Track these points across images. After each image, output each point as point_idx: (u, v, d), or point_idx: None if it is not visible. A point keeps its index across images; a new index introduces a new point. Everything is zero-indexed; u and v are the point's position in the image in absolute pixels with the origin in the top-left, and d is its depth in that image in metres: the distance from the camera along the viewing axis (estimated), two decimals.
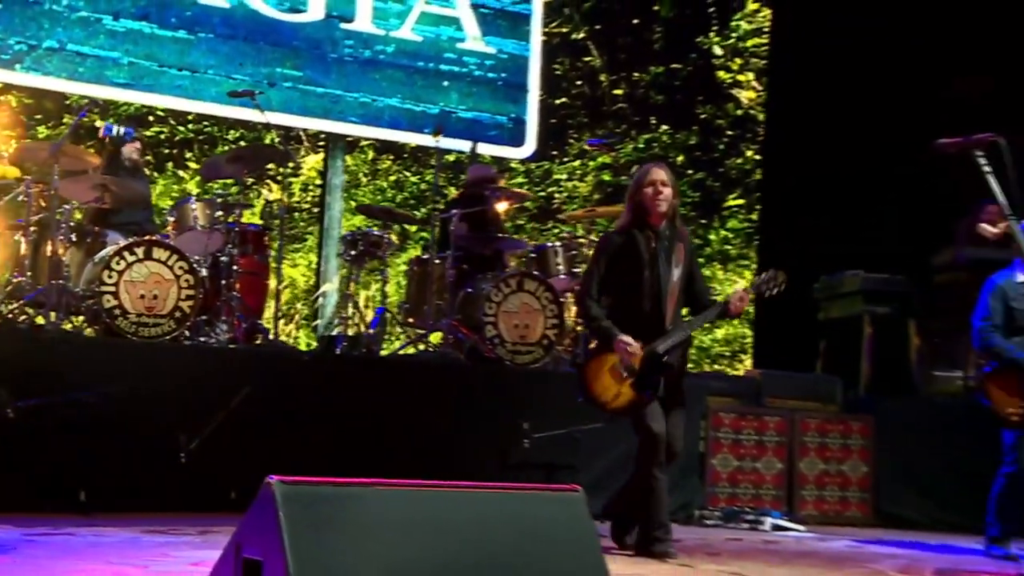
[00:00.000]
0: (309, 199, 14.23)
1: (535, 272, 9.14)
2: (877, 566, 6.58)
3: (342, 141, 12.71)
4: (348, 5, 12.57)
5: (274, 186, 12.50)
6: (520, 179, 14.08)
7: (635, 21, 14.67)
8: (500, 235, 9.82)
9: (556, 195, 14.63)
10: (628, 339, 6.13)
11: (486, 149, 12.84)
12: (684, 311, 6.54)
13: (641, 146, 14.64)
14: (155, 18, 11.64)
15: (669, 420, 6.30)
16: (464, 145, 11.46)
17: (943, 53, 12.06)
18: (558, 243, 9.78)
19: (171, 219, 8.70)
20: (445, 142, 10.69)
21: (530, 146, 13.28)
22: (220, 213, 8.60)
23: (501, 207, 9.89)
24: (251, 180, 11.19)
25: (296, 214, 14.05)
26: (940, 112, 11.15)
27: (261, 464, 3.23)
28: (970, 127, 5.22)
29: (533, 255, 9.56)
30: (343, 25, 12.55)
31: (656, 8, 14.54)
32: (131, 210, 8.87)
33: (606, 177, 14.53)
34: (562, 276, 9.39)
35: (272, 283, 9.31)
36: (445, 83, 12.88)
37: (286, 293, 13.12)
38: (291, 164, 12.99)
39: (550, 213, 13.93)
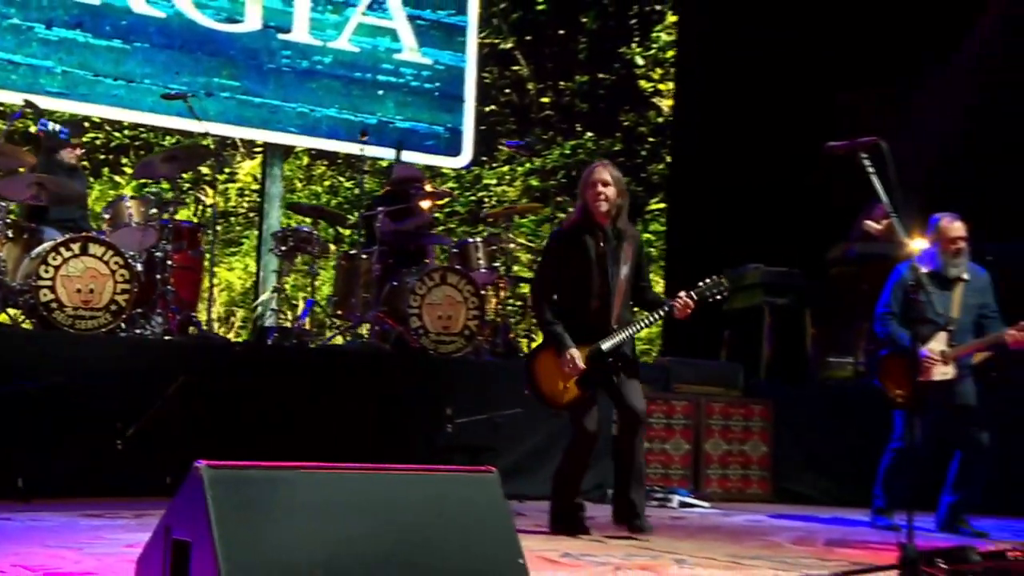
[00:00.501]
0: (245, 204, 14.01)
1: (457, 266, 9.13)
2: (775, 538, 6.64)
3: (280, 150, 12.42)
4: (285, 16, 12.22)
5: (209, 191, 11.94)
6: (451, 184, 13.93)
7: (561, 32, 14.60)
8: (424, 231, 9.78)
9: (486, 199, 14.51)
10: (574, 356, 6.01)
11: (423, 159, 12.56)
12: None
13: (567, 152, 14.62)
14: (89, 27, 11.25)
15: (629, 392, 6.16)
16: (392, 152, 11.23)
17: (835, 66, 12.28)
18: (479, 239, 9.78)
19: (106, 216, 8.56)
20: (373, 150, 10.67)
21: (466, 155, 13.01)
22: (154, 211, 8.49)
23: (425, 205, 9.84)
24: (187, 185, 10.90)
25: (232, 219, 13.87)
26: (832, 119, 11.32)
27: (195, 450, 3.17)
28: (857, 132, 5.27)
29: (455, 250, 9.58)
30: (280, 36, 12.18)
31: (582, 20, 14.51)
32: (67, 208, 8.72)
33: (534, 182, 14.46)
34: (483, 270, 9.40)
35: (205, 281, 9.20)
36: (382, 93, 12.54)
37: (223, 296, 12.98)
38: (227, 169, 12.79)
39: (480, 217, 13.60)
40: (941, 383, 7.39)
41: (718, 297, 6.21)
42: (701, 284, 6.15)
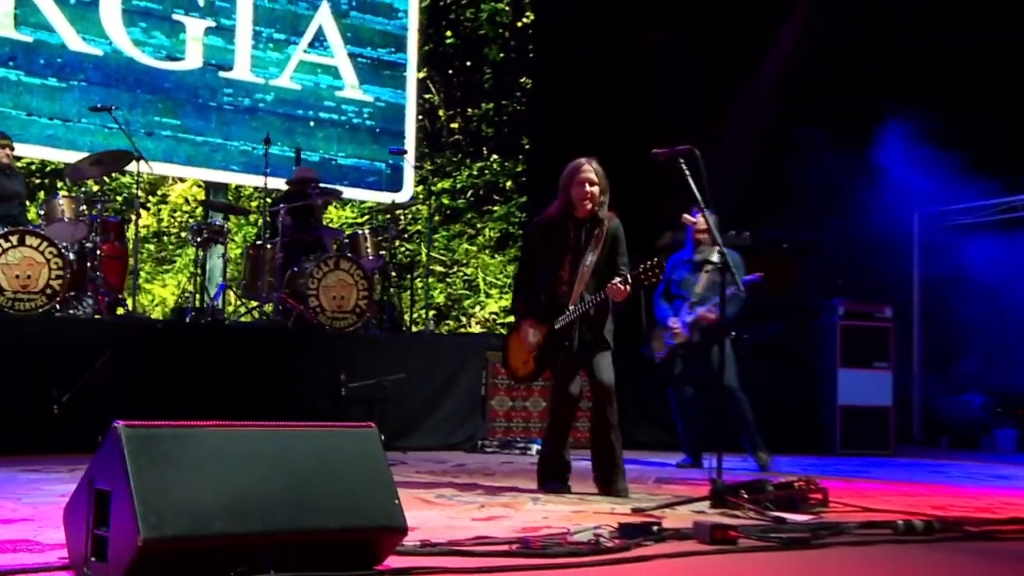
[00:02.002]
0: (177, 225, 13.39)
1: (349, 254, 9.10)
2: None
3: (222, 186, 11.49)
4: (227, 54, 11.21)
5: (144, 212, 11.42)
6: (370, 203, 13.19)
7: (468, 63, 14.30)
8: (320, 224, 9.72)
9: (402, 217, 14.04)
10: (527, 331, 5.72)
11: (365, 195, 11.83)
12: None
13: (475, 173, 14.32)
14: (22, 64, 10.10)
15: (598, 367, 5.70)
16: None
17: (660, 87, 12.54)
18: (367, 230, 9.75)
19: (42, 212, 8.39)
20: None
21: (408, 191, 12.20)
22: (84, 207, 8.35)
23: (320, 201, 9.77)
24: (119, 206, 10.26)
25: (165, 238, 13.36)
26: (659, 130, 11.55)
27: (122, 413, 3.14)
28: (678, 141, 5.39)
29: (347, 241, 9.53)
30: (222, 73, 11.19)
31: (486, 52, 14.32)
32: (6, 205, 8.52)
33: (445, 200, 14.21)
34: (371, 257, 9.40)
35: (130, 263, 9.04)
36: (325, 131, 11.56)
37: (157, 311, 12.51)
38: (160, 191, 12.17)
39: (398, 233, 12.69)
40: (684, 345, 7.89)
41: (652, 279, 5.69)
42: (640, 266, 5.72)
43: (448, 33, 13.70)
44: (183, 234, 9.88)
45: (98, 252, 8.34)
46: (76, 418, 7.02)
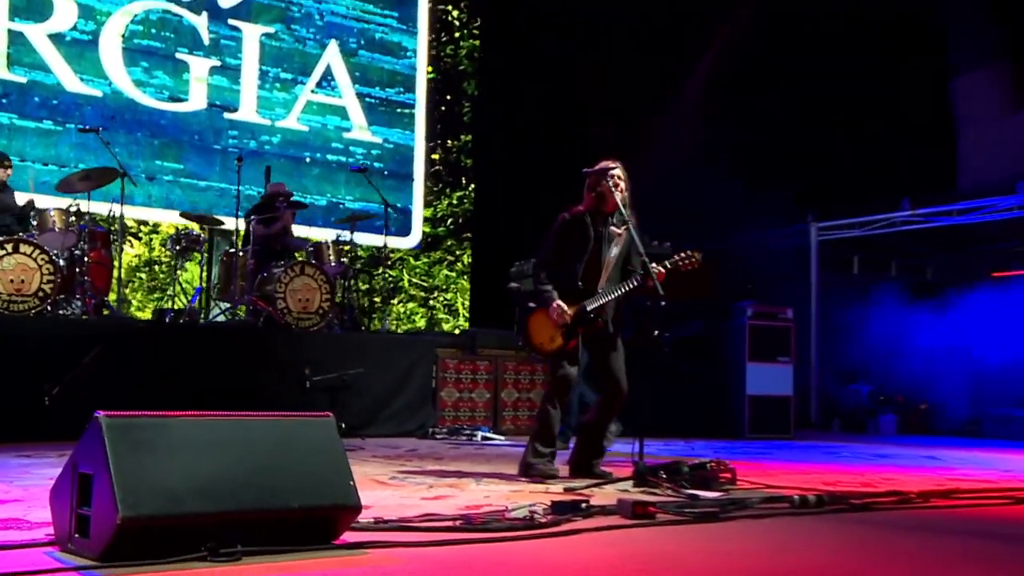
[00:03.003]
0: (168, 254, 12.49)
1: (313, 262, 9.03)
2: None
3: (223, 231, 10.15)
4: (232, 94, 10.06)
5: (135, 242, 10.61)
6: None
7: (448, 97, 14.00)
8: (287, 234, 9.65)
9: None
10: (561, 305, 5.41)
11: (373, 239, 10.38)
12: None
13: (455, 202, 13.96)
14: (15, 106, 8.98)
15: (613, 364, 5.57)
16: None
17: (590, 110, 12.62)
18: (329, 240, 9.68)
19: (35, 223, 8.24)
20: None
21: (416, 235, 11.23)
22: (73, 218, 8.22)
23: (289, 214, 9.69)
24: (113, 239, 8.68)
25: (156, 267, 12.78)
26: (590, 149, 11.62)
27: (108, 404, 3.10)
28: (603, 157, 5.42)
29: (311, 249, 9.45)
30: (227, 115, 10.04)
31: (464, 86, 14.06)
32: (2, 216, 8.38)
33: (426, 228, 13.86)
34: (333, 264, 9.32)
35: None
36: (332, 174, 10.36)
37: (139, 314, 12.01)
38: (151, 221, 11.06)
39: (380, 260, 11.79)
40: None
41: (690, 266, 5.53)
42: (676, 256, 5.54)
43: (429, 68, 13.48)
44: (174, 262, 9.19)
45: (86, 259, 8.23)
46: (65, 409, 6.91)
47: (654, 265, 5.37)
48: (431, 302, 13.37)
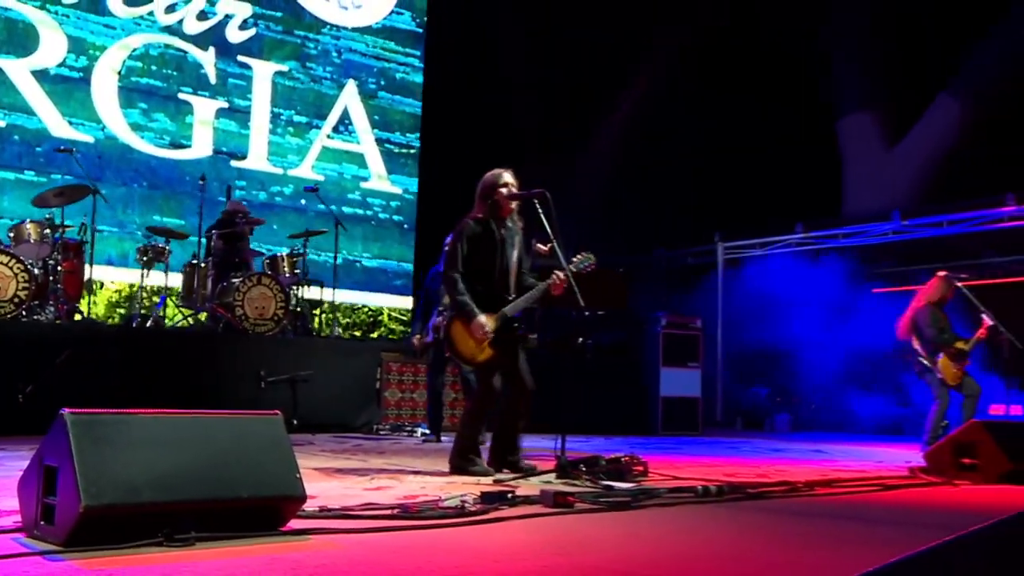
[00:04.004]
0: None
1: (269, 272, 8.94)
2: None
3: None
4: (240, 140, 8.49)
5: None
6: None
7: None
8: (246, 247, 9.52)
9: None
10: (483, 322, 5.11)
11: (391, 301, 9.22)
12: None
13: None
14: None
15: (521, 365, 5.30)
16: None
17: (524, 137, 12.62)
18: (284, 253, 9.56)
19: (11, 235, 8.06)
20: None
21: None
22: (47, 231, 8.05)
23: (248, 229, 9.56)
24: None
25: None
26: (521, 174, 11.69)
27: (79, 402, 3.03)
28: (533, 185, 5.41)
29: (267, 261, 9.35)
30: (234, 163, 8.56)
31: None
32: None
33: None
34: (287, 275, 9.23)
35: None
36: (349, 228, 8.62)
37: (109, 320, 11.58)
38: None
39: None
40: (436, 341, 7.30)
41: (588, 270, 5.36)
42: (575, 259, 5.30)
43: None
44: (155, 298, 8.31)
45: (59, 268, 8.10)
46: (38, 406, 6.76)
47: (558, 273, 5.20)
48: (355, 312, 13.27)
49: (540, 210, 5.18)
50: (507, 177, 5.34)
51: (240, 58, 8.79)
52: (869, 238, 13.85)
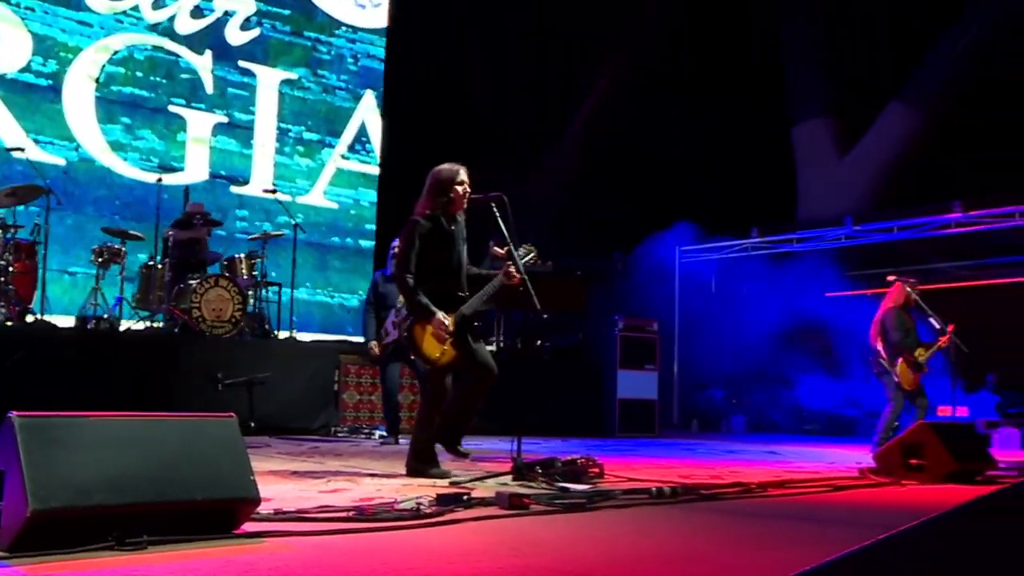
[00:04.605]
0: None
1: (227, 274, 8.86)
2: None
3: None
4: (241, 161, 7.18)
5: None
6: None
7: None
8: (204, 249, 9.41)
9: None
10: (442, 319, 5.03)
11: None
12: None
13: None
14: None
15: (482, 352, 5.23)
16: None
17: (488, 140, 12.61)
18: (243, 255, 9.47)
19: None
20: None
21: None
22: None
23: (206, 230, 9.45)
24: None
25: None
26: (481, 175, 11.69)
27: (30, 405, 2.97)
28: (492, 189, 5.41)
29: (225, 263, 9.25)
30: (233, 189, 7.34)
31: None
32: None
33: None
34: (245, 277, 9.15)
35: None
36: (366, 265, 7.40)
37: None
38: None
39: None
40: (395, 340, 7.28)
41: (532, 261, 5.30)
42: (518, 252, 5.23)
43: None
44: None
45: (11, 269, 7.96)
46: None
47: (512, 267, 5.13)
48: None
49: (497, 213, 5.17)
50: (464, 175, 5.26)
51: (241, 64, 7.67)
52: (823, 242, 14.04)
